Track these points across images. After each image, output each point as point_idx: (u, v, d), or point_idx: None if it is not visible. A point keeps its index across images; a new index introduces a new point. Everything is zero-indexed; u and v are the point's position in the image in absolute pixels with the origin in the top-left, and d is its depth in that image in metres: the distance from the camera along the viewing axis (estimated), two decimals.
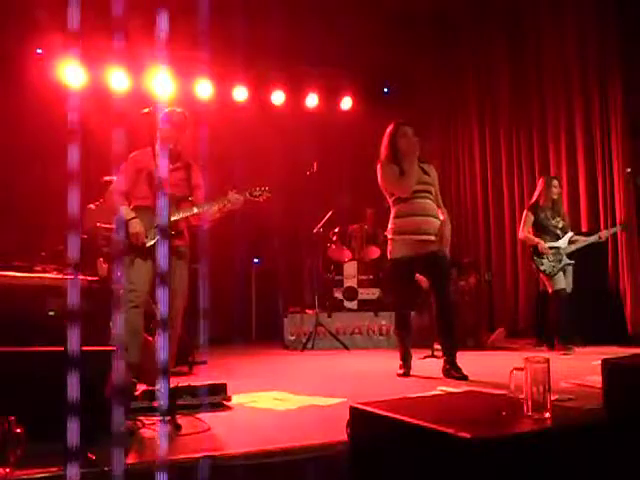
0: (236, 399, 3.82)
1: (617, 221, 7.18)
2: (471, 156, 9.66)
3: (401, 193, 5.05)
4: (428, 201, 5.07)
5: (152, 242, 4.53)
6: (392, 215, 5.16)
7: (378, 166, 5.17)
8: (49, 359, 2.84)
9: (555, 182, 6.87)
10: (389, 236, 5.17)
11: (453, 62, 9.68)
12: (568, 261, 6.60)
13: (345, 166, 9.58)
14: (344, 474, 2.46)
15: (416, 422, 2.02)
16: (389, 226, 5.18)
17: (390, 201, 5.18)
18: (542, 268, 6.58)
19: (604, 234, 6.80)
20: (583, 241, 6.72)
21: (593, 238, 6.75)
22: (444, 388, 4.14)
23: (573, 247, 6.65)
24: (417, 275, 5.49)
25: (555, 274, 6.54)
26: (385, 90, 10.64)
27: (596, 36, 7.58)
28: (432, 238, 5.00)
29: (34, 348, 2.95)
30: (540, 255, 6.60)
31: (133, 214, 4.55)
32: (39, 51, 8.30)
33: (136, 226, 4.50)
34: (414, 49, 9.15)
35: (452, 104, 9.93)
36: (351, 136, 9.48)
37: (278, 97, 9.88)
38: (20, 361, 2.86)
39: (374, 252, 8.40)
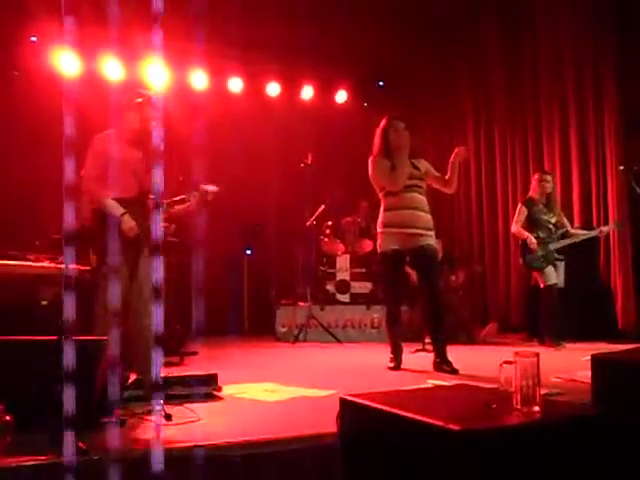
0: (227, 390, 3.83)
1: (610, 218, 7.21)
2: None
3: (392, 187, 5.07)
4: (417, 195, 5.09)
5: None
6: (382, 209, 5.20)
7: (370, 160, 5.20)
8: (41, 348, 2.83)
9: (548, 177, 6.91)
10: (379, 229, 5.19)
11: (448, 56, 9.66)
12: (557, 256, 6.62)
13: (339, 159, 9.57)
14: (334, 465, 2.47)
15: (406, 414, 2.03)
16: (379, 220, 5.21)
17: (380, 195, 5.21)
18: (530, 262, 6.61)
19: (605, 229, 6.81)
20: (580, 235, 6.74)
21: (592, 233, 6.76)
22: (434, 381, 4.16)
23: (568, 241, 6.67)
24: (408, 269, 5.51)
25: (544, 268, 6.56)
26: (380, 84, 10.64)
27: (591, 33, 7.57)
28: (421, 232, 5.02)
29: (25, 337, 2.95)
30: (529, 250, 6.62)
31: (122, 209, 4.15)
32: (33, 39, 8.25)
33: (129, 221, 4.14)
34: (410, 43, 9.14)
35: (447, 98, 9.92)
36: (346, 129, 9.48)
37: (273, 89, 9.87)
38: (11, 350, 2.86)
39: (367, 245, 8.41)
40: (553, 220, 6.75)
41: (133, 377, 3.61)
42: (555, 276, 6.59)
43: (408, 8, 8.26)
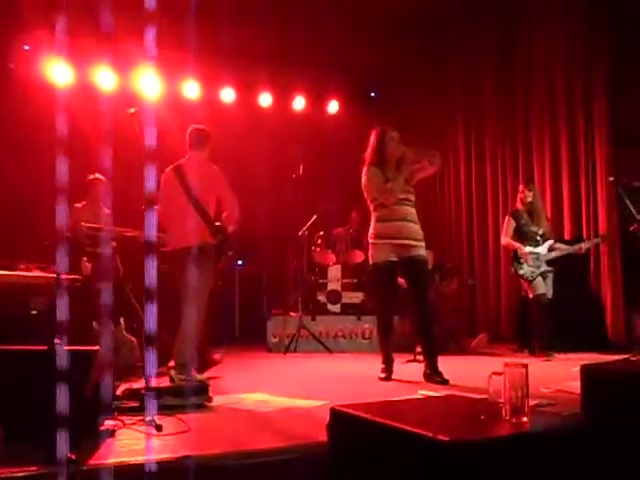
0: (218, 400, 3.82)
1: (599, 229, 7.24)
2: (456, 162, 9.70)
3: (385, 200, 5.07)
4: (408, 208, 5.12)
5: None
6: (373, 220, 5.20)
7: (364, 169, 5.19)
8: (31, 358, 2.83)
9: (521, 187, 6.94)
10: (370, 240, 5.19)
11: (440, 68, 9.71)
12: (547, 267, 6.65)
13: (331, 169, 9.59)
14: (324, 475, 2.47)
15: (395, 425, 2.04)
16: (370, 231, 5.21)
17: (371, 206, 5.21)
18: (521, 273, 6.63)
19: (585, 246, 6.83)
20: (563, 250, 6.76)
21: (573, 249, 6.78)
22: (425, 392, 4.17)
23: (553, 255, 6.70)
24: (399, 278, 5.53)
25: (534, 279, 6.58)
26: (372, 95, 10.69)
27: (583, 44, 7.60)
28: (413, 243, 5.03)
29: (15, 347, 2.94)
30: (519, 260, 6.64)
31: None
32: (26, 48, 8.26)
33: None
34: (401, 54, 9.19)
35: (438, 110, 9.97)
36: (337, 140, 9.51)
37: (265, 99, 9.89)
38: (0, 359, 2.85)
39: (358, 256, 8.42)
40: (540, 231, 6.76)
41: (124, 387, 3.60)
42: (544, 286, 6.60)
43: (401, 20, 8.30)
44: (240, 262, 9.73)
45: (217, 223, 5.03)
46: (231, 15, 7.52)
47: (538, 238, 6.72)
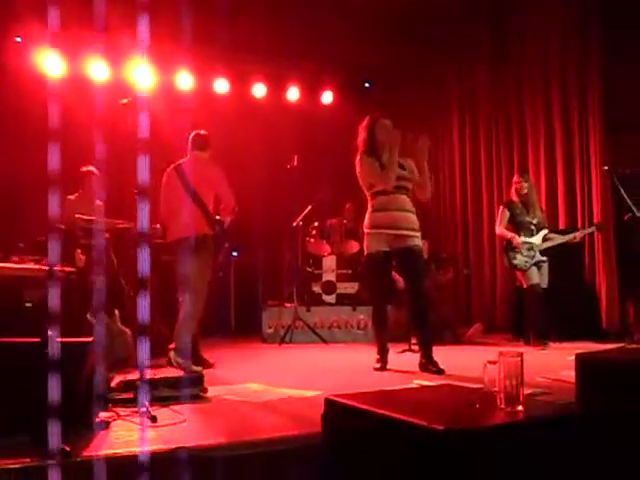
0: (213, 391, 3.82)
1: (594, 219, 7.25)
2: (450, 152, 9.70)
3: (383, 185, 5.04)
4: (405, 197, 5.09)
5: None
6: (369, 209, 5.17)
7: (357, 158, 5.15)
8: (24, 350, 2.81)
9: (516, 178, 6.95)
10: (366, 230, 5.17)
11: (435, 59, 9.67)
12: (541, 257, 6.65)
13: (325, 160, 9.56)
14: (319, 466, 2.47)
15: (390, 414, 2.04)
16: (366, 220, 5.19)
17: (367, 195, 5.19)
18: (515, 262, 6.64)
19: (579, 234, 6.86)
20: (557, 239, 6.77)
21: (567, 238, 6.80)
22: (420, 382, 4.17)
23: (547, 244, 6.71)
24: (394, 274, 5.53)
25: (528, 269, 6.59)
26: (366, 85, 10.65)
27: (577, 35, 7.62)
28: (409, 233, 5.01)
29: (8, 339, 2.93)
30: (513, 250, 6.65)
31: None
32: (18, 40, 8.20)
33: None
34: (396, 45, 9.15)
35: (433, 100, 9.95)
36: (332, 130, 9.47)
37: (259, 90, 9.85)
38: None
39: (353, 246, 8.41)
40: (534, 221, 6.77)
41: (118, 379, 3.60)
42: (537, 276, 6.61)
43: (395, 10, 8.27)
44: (235, 253, 9.70)
45: (217, 217, 5.28)
46: (226, 6, 7.48)
47: (532, 228, 6.74)
